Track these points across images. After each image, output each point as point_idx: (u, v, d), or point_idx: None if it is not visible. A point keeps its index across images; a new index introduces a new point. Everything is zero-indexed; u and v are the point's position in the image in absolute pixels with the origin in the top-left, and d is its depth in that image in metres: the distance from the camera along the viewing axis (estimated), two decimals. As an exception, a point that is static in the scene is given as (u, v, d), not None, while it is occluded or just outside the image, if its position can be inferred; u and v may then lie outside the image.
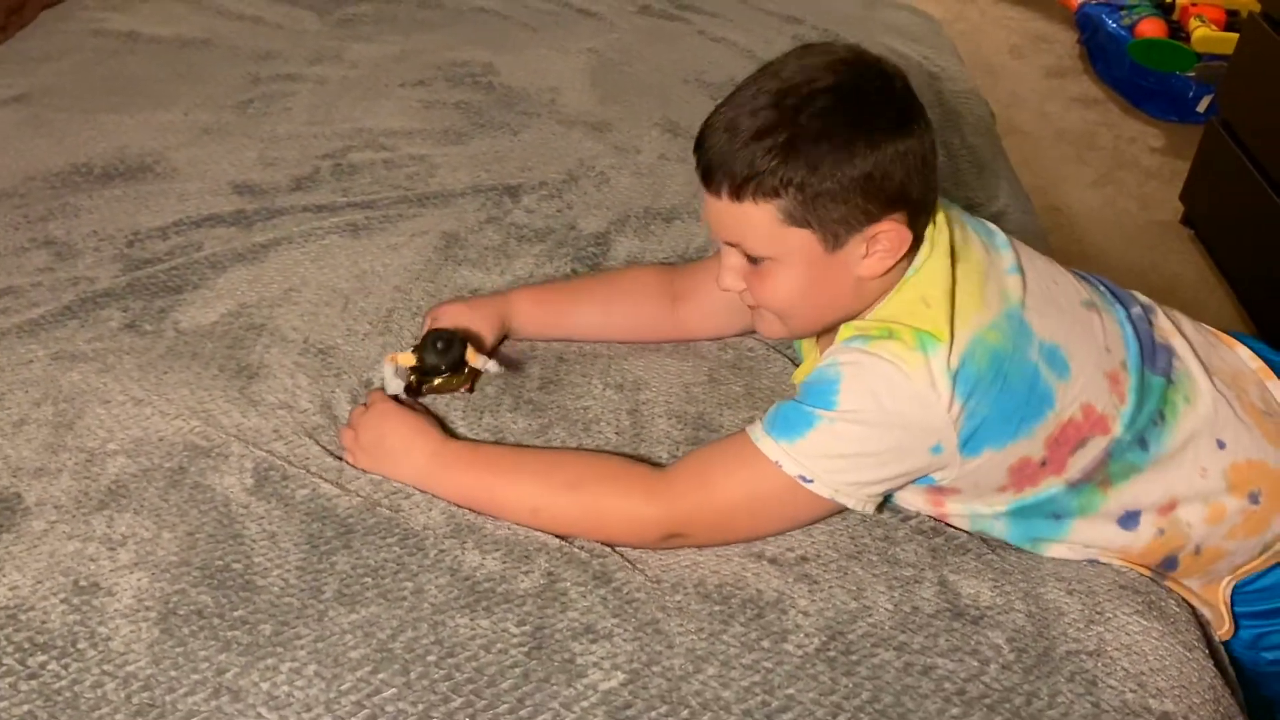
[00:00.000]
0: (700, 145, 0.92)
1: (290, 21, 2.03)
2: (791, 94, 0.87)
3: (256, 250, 1.35)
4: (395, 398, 1.08)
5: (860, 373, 0.89)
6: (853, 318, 0.95)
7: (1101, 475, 0.96)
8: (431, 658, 0.86)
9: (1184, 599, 1.01)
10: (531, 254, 1.39)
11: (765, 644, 0.88)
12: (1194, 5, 3.32)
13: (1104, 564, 1.00)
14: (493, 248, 1.40)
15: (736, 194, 0.89)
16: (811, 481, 0.91)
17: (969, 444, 0.90)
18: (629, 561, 0.96)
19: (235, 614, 0.89)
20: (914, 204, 0.90)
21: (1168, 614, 0.96)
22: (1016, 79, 3.54)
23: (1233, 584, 1.04)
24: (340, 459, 1.05)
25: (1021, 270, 0.96)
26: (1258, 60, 2.44)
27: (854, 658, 0.87)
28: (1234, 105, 2.57)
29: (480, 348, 1.14)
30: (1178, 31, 3.33)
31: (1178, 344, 1.04)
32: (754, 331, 1.22)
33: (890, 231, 0.89)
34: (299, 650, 0.87)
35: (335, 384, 1.15)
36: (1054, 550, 0.99)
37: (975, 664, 0.87)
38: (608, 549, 0.97)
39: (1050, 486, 0.95)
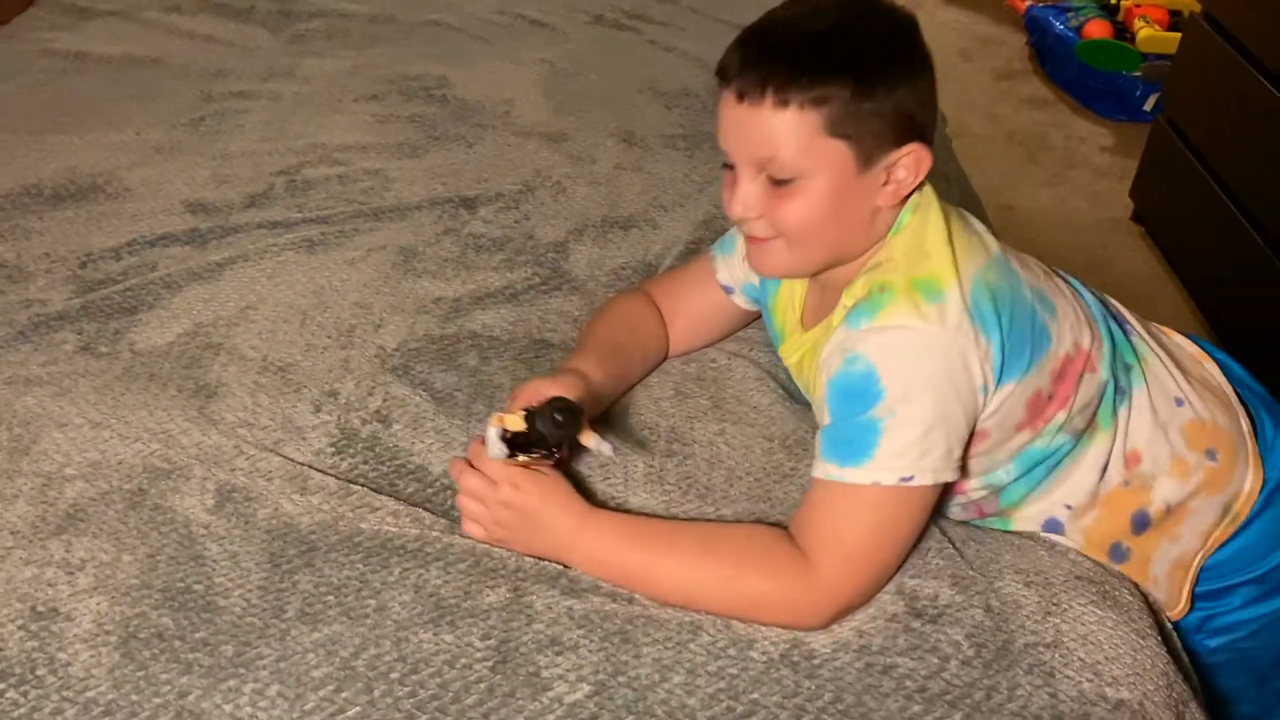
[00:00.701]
0: (744, 48, 0.92)
1: (242, 38, 2.02)
2: (849, 9, 0.92)
3: (212, 269, 1.35)
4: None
5: (888, 353, 0.89)
6: (855, 259, 0.97)
7: (1093, 420, 1.01)
8: (395, 675, 0.86)
9: (1135, 586, 1.04)
10: (491, 264, 1.39)
11: (732, 652, 0.89)
12: (1138, 6, 3.39)
13: (1060, 553, 1.02)
14: (451, 259, 1.40)
15: (783, 96, 0.88)
16: (912, 478, 0.90)
17: (998, 374, 0.92)
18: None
19: (196, 636, 0.89)
20: (929, 132, 0.94)
21: (1121, 603, 0.98)
22: (967, 82, 3.59)
23: (1204, 560, 1.07)
24: (316, 471, 1.05)
25: (988, 230, 1.01)
26: (1199, 59, 2.49)
27: (816, 661, 0.88)
28: (1178, 103, 2.62)
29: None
30: (1123, 32, 3.40)
31: (1128, 315, 1.11)
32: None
33: (913, 155, 0.92)
34: (261, 671, 0.86)
35: (296, 399, 1.15)
36: (1036, 508, 1.03)
37: (935, 661, 0.88)
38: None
39: (1055, 427, 0.99)
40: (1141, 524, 1.04)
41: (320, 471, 1.06)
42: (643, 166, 1.63)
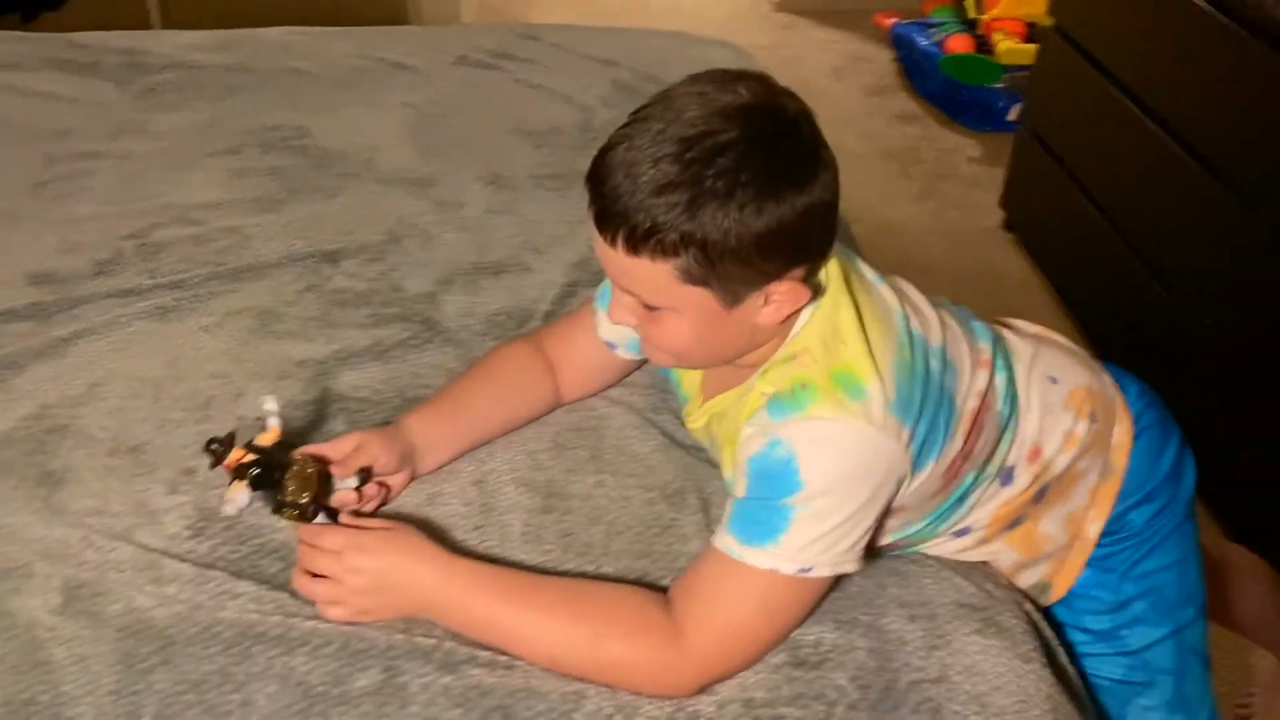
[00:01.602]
0: (596, 187, 0.85)
1: (87, 94, 1.93)
2: (695, 145, 0.80)
3: (56, 345, 1.27)
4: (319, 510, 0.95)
5: (811, 445, 0.86)
6: (754, 351, 0.94)
7: (994, 451, 1.01)
8: (263, 774, 0.82)
9: (1018, 597, 1.05)
10: (357, 321, 1.34)
11: (618, 718, 0.86)
12: (996, 20, 3.49)
13: (945, 579, 1.03)
14: (314, 318, 1.35)
15: (632, 248, 0.83)
16: (811, 569, 0.88)
17: (917, 463, 0.91)
18: (477, 644, 0.92)
19: (42, 753, 0.83)
20: (814, 255, 0.88)
21: (1005, 628, 0.98)
22: (840, 100, 3.65)
23: (1100, 526, 1.09)
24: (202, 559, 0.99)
25: (882, 278, 0.98)
26: (1055, 70, 2.57)
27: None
28: (1039, 113, 2.70)
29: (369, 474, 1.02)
30: (984, 45, 3.50)
31: (1000, 328, 1.12)
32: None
33: (788, 288, 0.87)
34: (115, 785, 0.81)
35: (149, 481, 1.09)
36: (948, 532, 1.04)
37: (821, 708, 0.87)
38: (450, 636, 0.93)
39: (966, 476, 0.99)
40: (1040, 495, 1.07)
41: (176, 558, 1.00)
42: (513, 209, 1.61)
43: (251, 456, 0.94)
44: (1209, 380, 1.94)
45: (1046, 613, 1.11)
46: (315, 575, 0.94)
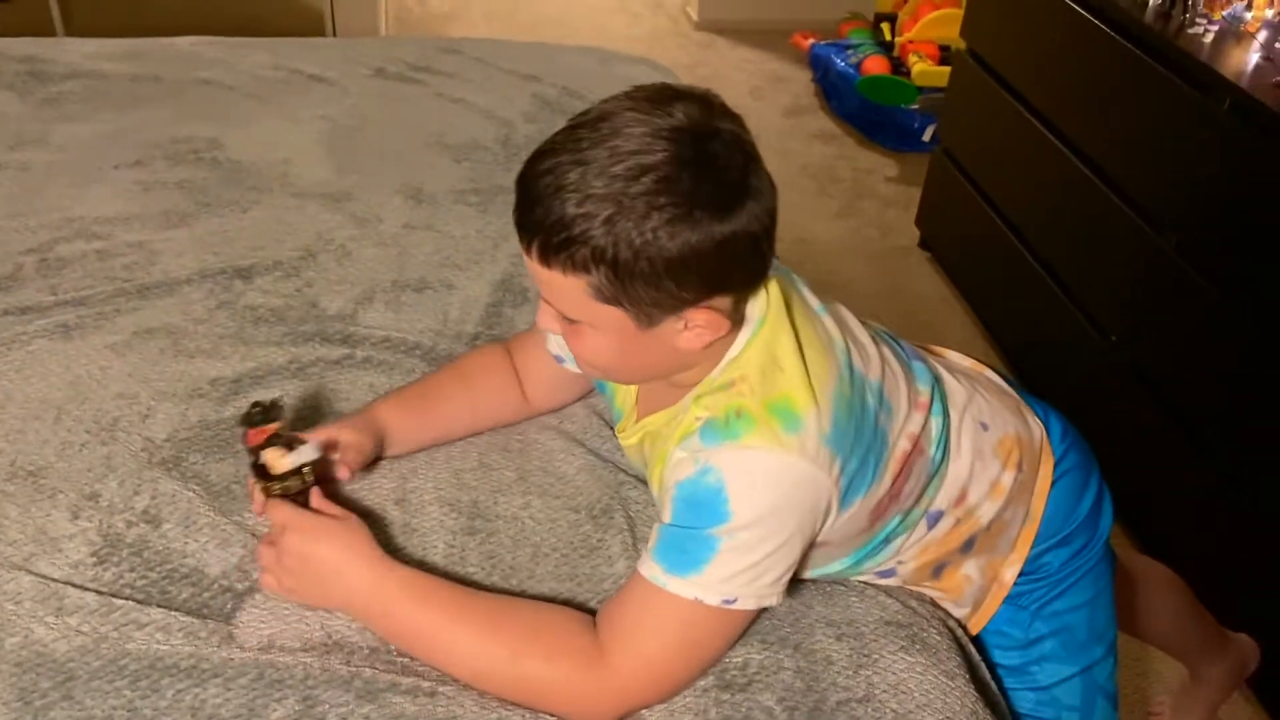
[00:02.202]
0: (519, 193, 0.83)
1: (-15, 103, 1.86)
2: (620, 163, 0.78)
3: (-51, 364, 1.21)
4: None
5: (742, 475, 0.85)
6: (686, 371, 0.91)
7: (921, 495, 1.00)
8: (171, 814, 0.78)
9: (942, 614, 1.06)
10: (272, 338, 1.31)
11: (545, 743, 0.85)
12: (911, 43, 3.57)
13: (870, 598, 1.02)
14: (228, 335, 1.31)
15: (545, 260, 0.82)
16: (735, 601, 0.86)
17: (845, 498, 0.90)
18: (399, 670, 0.90)
19: (-70, 799, 0.78)
20: (738, 287, 0.86)
21: (930, 644, 0.99)
22: (759, 119, 3.69)
23: (1017, 570, 1.09)
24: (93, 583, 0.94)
25: (825, 308, 0.96)
26: (967, 92, 2.63)
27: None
28: (952, 133, 2.76)
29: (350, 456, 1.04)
30: (899, 67, 3.57)
31: (915, 349, 1.09)
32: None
33: (706, 317, 0.84)
34: (11, 831, 0.76)
35: (50, 506, 1.04)
36: (872, 571, 1.04)
37: (750, 730, 0.86)
38: (370, 663, 0.90)
39: (892, 518, 0.99)
40: (968, 546, 1.06)
41: (79, 587, 0.95)
42: (432, 224, 1.58)
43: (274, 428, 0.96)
44: (1117, 393, 2.00)
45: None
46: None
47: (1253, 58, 1.76)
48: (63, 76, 1.97)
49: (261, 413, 0.96)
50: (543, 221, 0.80)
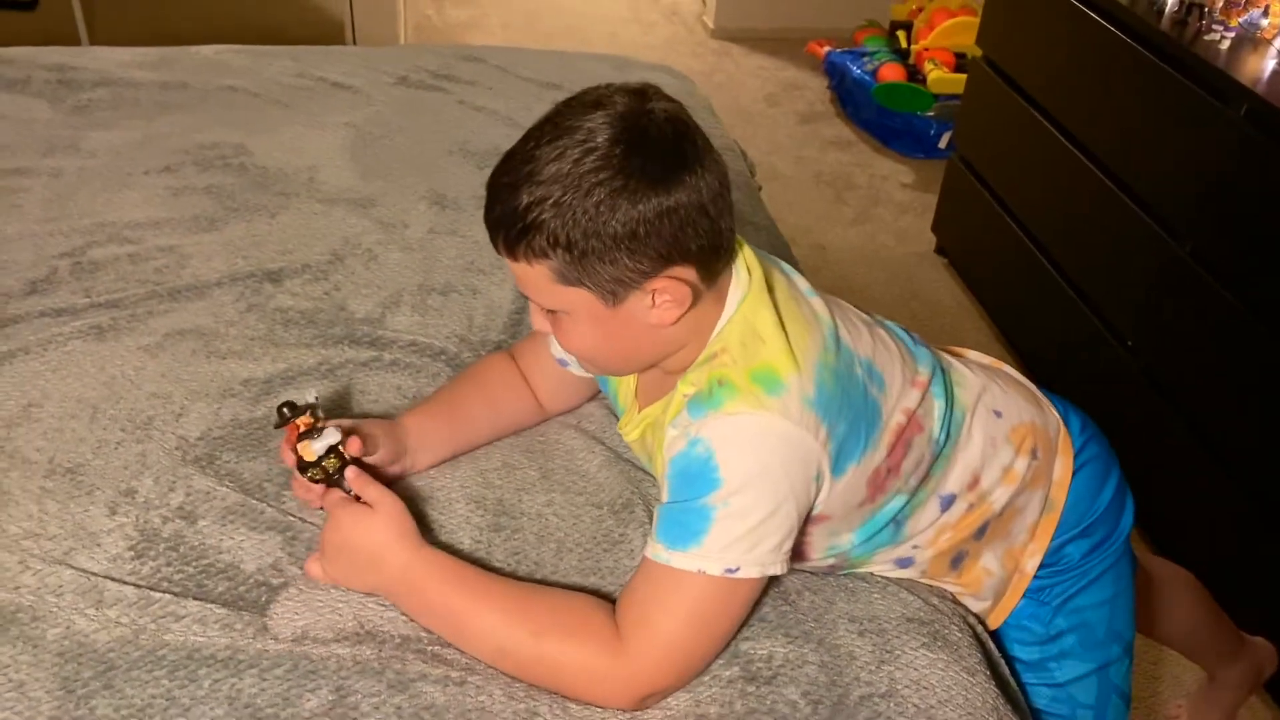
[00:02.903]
0: (486, 197, 0.90)
1: (17, 110, 1.89)
2: (565, 154, 0.84)
3: (-12, 365, 1.24)
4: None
5: (729, 441, 0.88)
6: (673, 355, 0.95)
7: (928, 474, 1.02)
8: (211, 799, 0.80)
9: (962, 610, 1.07)
10: (302, 340, 1.33)
11: (573, 733, 0.87)
12: (927, 50, 3.58)
13: (892, 594, 1.04)
14: (258, 337, 1.33)
15: (510, 252, 0.88)
16: (738, 569, 0.88)
17: (836, 464, 0.92)
18: (429, 659, 0.92)
19: (-21, 783, 0.80)
20: (696, 255, 0.88)
21: (951, 641, 1.00)
22: (774, 126, 3.71)
23: (1039, 560, 1.11)
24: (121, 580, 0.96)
25: (816, 292, 1.00)
26: (983, 99, 2.65)
27: (656, 735, 0.87)
28: (968, 140, 2.77)
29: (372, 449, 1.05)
30: (915, 75, 3.58)
31: (926, 344, 1.12)
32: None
33: (668, 287, 0.88)
34: (57, 814, 0.78)
35: (88, 502, 1.06)
36: (887, 557, 1.05)
37: (774, 722, 0.88)
38: (401, 653, 0.92)
39: (894, 494, 1.00)
40: (982, 531, 1.08)
41: (117, 581, 0.98)
42: (457, 230, 1.60)
43: (309, 421, 0.99)
44: (1133, 399, 2.01)
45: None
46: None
47: (1269, 64, 1.78)
48: (92, 84, 2.00)
49: (290, 413, 0.99)
50: (502, 216, 0.87)
